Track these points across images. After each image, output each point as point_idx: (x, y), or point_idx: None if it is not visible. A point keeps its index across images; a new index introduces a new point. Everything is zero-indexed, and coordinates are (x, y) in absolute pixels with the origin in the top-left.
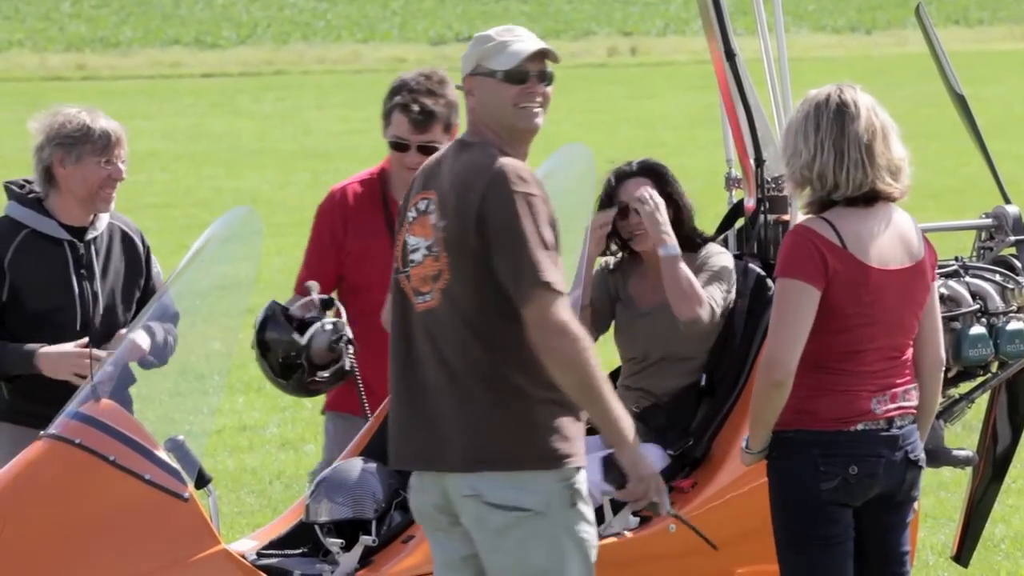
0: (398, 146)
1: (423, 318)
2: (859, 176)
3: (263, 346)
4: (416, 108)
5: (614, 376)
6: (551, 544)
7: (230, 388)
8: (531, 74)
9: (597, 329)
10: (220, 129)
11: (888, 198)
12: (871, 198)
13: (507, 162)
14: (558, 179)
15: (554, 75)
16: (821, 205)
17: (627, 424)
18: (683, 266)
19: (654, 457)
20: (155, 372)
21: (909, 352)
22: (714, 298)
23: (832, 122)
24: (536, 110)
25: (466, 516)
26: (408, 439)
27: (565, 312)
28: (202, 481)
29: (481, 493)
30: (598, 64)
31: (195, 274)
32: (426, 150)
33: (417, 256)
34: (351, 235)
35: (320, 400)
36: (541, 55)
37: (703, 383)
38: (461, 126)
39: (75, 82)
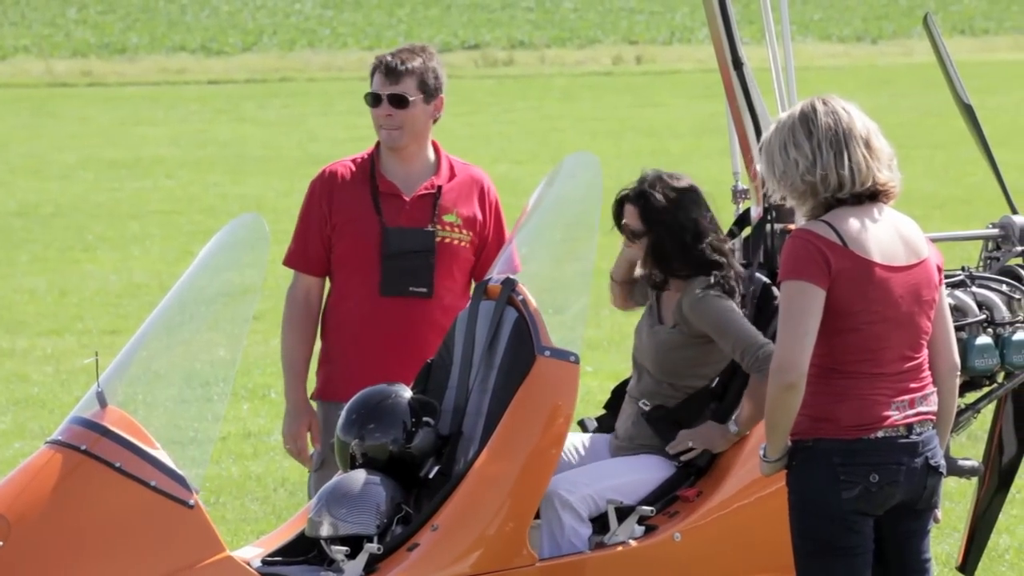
0: (372, 99)
1: None
2: (863, 170)
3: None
4: (389, 59)
5: (622, 386)
6: None
7: (235, 395)
8: None
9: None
10: (226, 136)
11: (888, 194)
12: (873, 194)
13: None
14: (565, 187)
15: None
16: (825, 209)
17: None
18: (739, 429)
19: (658, 467)
20: (160, 379)
21: (924, 355)
22: (747, 339)
23: (825, 124)
24: None
25: None
26: None
27: None
28: None
29: None
30: (603, 72)
31: (201, 281)
32: (396, 100)
33: None
34: (335, 209)
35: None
36: None
37: (714, 386)
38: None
39: (81, 88)
